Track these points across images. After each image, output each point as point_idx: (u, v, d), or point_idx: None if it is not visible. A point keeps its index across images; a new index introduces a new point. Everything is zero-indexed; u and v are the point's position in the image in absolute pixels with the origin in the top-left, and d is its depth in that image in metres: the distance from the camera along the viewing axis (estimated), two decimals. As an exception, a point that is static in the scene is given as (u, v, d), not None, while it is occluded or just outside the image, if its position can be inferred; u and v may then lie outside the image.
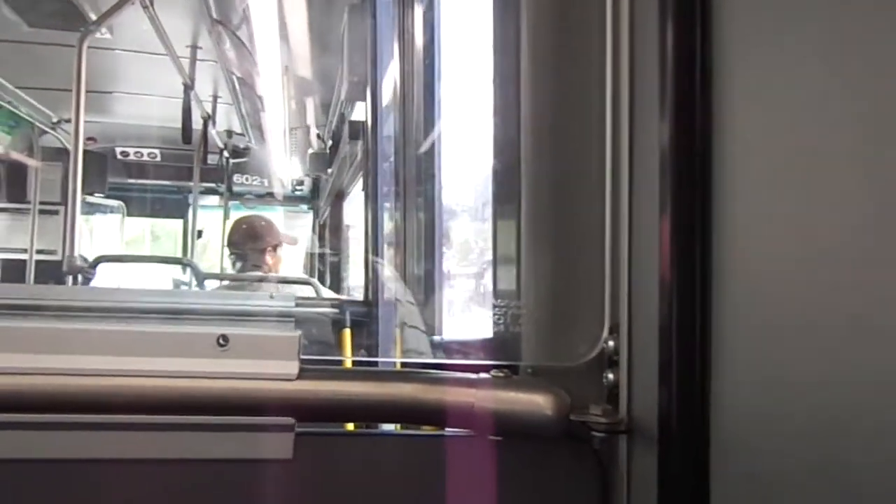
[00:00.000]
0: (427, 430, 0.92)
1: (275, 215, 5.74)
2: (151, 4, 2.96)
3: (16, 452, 0.77)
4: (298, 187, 6.06)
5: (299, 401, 0.79)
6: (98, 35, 3.25)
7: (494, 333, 1.02)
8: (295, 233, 3.67)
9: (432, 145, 2.00)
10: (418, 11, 2.03)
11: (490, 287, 1.06)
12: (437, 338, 1.91)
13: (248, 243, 3.25)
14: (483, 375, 0.85)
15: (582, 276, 0.89)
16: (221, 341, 0.79)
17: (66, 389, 0.76)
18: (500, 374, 0.84)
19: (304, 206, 6.31)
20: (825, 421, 0.58)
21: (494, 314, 1.00)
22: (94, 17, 3.13)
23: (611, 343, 0.84)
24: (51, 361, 0.76)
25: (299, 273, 4.70)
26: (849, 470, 0.55)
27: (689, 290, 0.72)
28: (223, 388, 0.78)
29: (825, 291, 0.58)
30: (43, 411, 0.76)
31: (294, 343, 0.80)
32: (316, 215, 6.12)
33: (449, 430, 0.86)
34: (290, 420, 0.80)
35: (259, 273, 3.22)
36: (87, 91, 3.00)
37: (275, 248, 3.29)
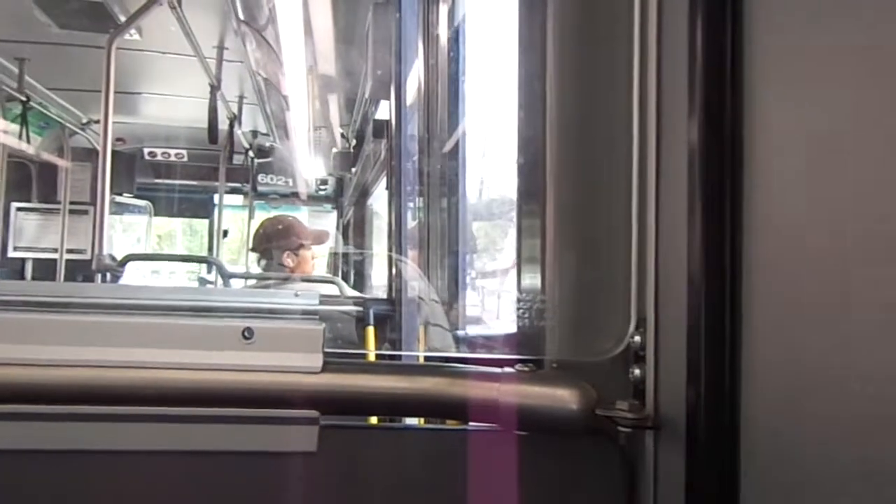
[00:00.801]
0: (451, 425, 0.92)
1: (299, 215, 5.77)
2: (179, 5, 2.99)
3: (43, 443, 0.78)
4: (322, 187, 6.09)
5: (323, 394, 0.80)
6: (127, 36, 3.29)
7: (519, 328, 1.01)
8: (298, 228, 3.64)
9: (457, 143, 2.00)
10: (443, 9, 2.03)
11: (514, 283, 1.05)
12: (460, 332, 1.91)
13: (271, 243, 3.27)
14: (507, 370, 0.84)
15: (608, 270, 0.88)
16: (246, 334, 0.79)
17: (92, 381, 0.77)
18: (525, 369, 0.84)
19: (328, 206, 6.34)
20: (858, 418, 0.57)
21: (519, 308, 1.00)
22: (122, 18, 3.17)
23: (637, 338, 0.83)
24: (77, 353, 0.77)
25: (323, 272, 4.72)
26: (883, 468, 0.54)
27: (718, 286, 0.71)
28: (248, 381, 0.78)
29: (856, 287, 0.57)
30: (67, 403, 0.77)
31: (318, 336, 0.81)
32: (340, 214, 6.14)
33: (473, 425, 0.86)
34: (314, 413, 0.80)
35: (284, 272, 3.24)
36: (116, 92, 3.04)
37: (298, 248, 3.30)
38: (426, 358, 1.97)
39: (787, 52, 0.65)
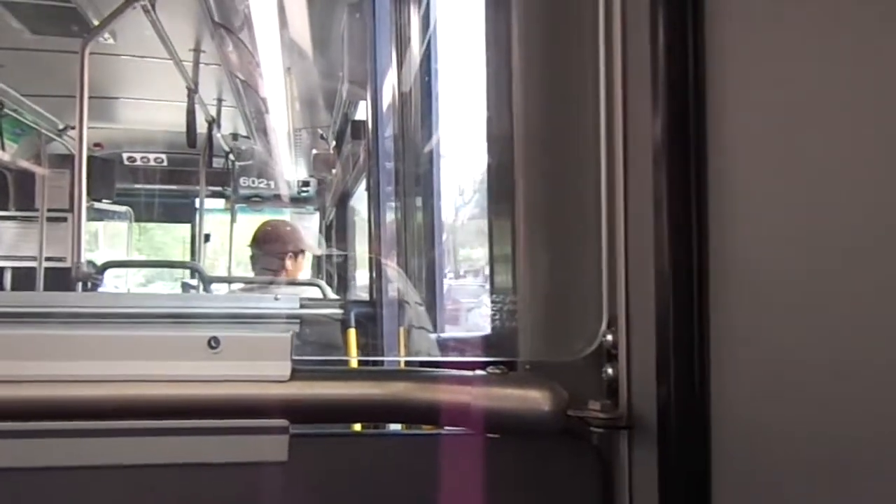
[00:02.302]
0: (423, 430, 0.91)
1: (279, 218, 5.74)
2: (153, 8, 2.96)
3: (8, 461, 0.77)
4: (304, 188, 6.07)
5: (292, 402, 0.79)
6: (101, 40, 3.26)
7: (491, 329, 1.01)
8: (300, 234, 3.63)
9: (431, 145, 1.99)
10: (415, 11, 2.02)
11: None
12: (434, 335, 1.91)
13: (278, 244, 3.25)
14: (479, 373, 0.84)
15: (578, 270, 0.88)
16: (212, 344, 0.78)
17: (55, 396, 0.76)
18: (497, 371, 0.84)
19: (311, 208, 6.32)
20: (827, 413, 0.57)
21: (491, 310, 0.99)
22: (96, 22, 3.14)
23: (609, 337, 0.83)
24: (36, 368, 0.75)
25: (306, 274, 4.70)
26: (852, 464, 0.54)
27: (686, 283, 0.71)
28: (215, 391, 0.77)
29: (824, 282, 0.57)
30: (32, 419, 0.76)
31: (286, 344, 0.80)
32: (322, 216, 6.12)
33: (446, 429, 0.86)
34: (283, 422, 0.79)
35: (267, 277, 3.22)
36: (93, 97, 3.02)
37: (299, 253, 3.28)
38: (408, 363, 1.97)
39: (749, 49, 0.66)
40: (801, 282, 0.59)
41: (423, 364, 1.36)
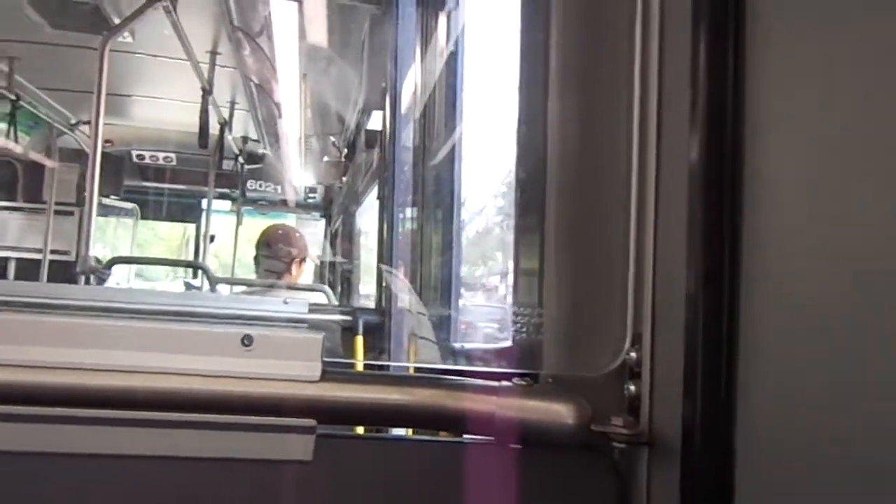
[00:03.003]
0: (446, 437, 0.92)
1: (287, 223, 5.75)
2: (174, 9, 2.98)
3: (34, 445, 0.77)
4: (311, 195, 6.08)
5: (321, 403, 0.79)
6: (119, 38, 3.28)
7: (515, 341, 1.01)
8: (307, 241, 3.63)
9: (451, 154, 2.00)
10: (442, 20, 2.04)
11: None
12: (457, 345, 1.91)
13: (290, 247, 3.24)
14: (505, 383, 0.84)
15: (605, 285, 0.89)
16: (245, 341, 0.79)
17: (87, 384, 0.76)
18: (522, 383, 0.84)
19: (317, 214, 6.33)
20: (856, 437, 0.57)
21: (515, 322, 1.00)
22: (117, 20, 3.16)
23: (633, 354, 0.83)
24: (72, 356, 0.76)
25: (308, 280, 4.70)
26: (882, 487, 0.54)
27: (716, 302, 0.71)
28: (245, 388, 0.78)
29: (856, 305, 0.57)
30: (63, 405, 0.76)
31: (317, 345, 0.80)
32: (328, 223, 6.13)
33: (467, 437, 0.86)
34: (311, 422, 0.79)
35: (272, 280, 3.22)
36: (107, 94, 3.02)
37: (304, 259, 3.28)
38: (422, 370, 1.96)
39: (790, 68, 0.66)
40: (833, 304, 0.60)
41: (445, 373, 1.36)
